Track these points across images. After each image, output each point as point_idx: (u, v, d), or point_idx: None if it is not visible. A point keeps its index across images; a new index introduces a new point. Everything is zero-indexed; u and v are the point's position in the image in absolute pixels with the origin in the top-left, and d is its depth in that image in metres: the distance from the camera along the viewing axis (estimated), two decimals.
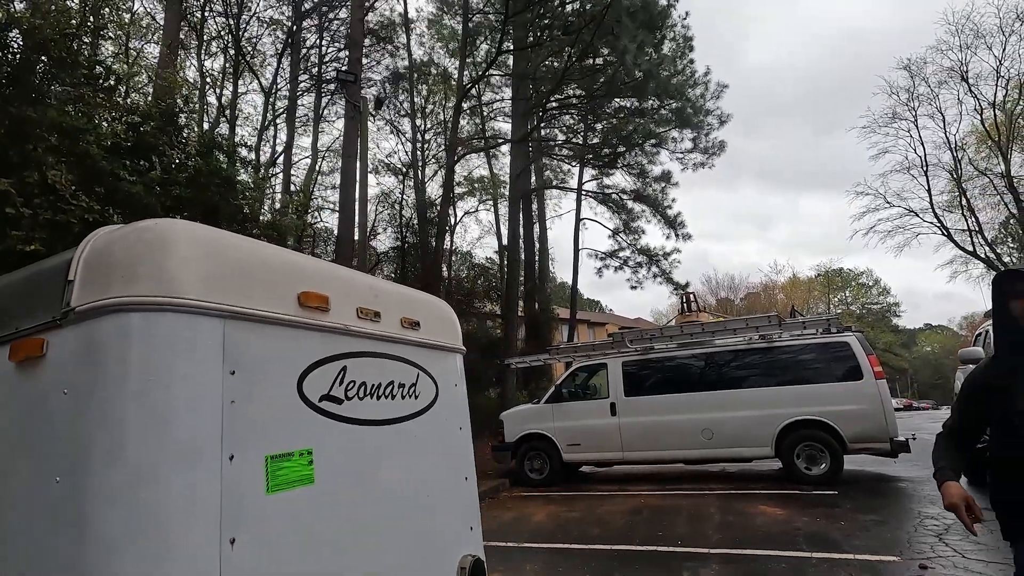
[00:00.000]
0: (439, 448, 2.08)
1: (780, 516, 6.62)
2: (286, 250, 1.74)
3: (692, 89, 18.12)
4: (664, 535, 6.16)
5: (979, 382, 1.96)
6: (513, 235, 18.02)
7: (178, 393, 1.18)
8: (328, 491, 1.50)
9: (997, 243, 26.64)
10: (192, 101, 9.06)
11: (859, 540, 5.46)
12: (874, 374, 8.29)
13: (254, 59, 19.41)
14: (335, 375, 1.62)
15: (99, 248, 1.27)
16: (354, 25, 15.87)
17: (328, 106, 21.38)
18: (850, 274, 53.09)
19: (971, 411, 1.96)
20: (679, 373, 9.60)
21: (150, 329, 1.19)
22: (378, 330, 1.84)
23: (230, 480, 1.23)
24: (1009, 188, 23.99)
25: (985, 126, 24.76)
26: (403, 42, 21.12)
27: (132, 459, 1.10)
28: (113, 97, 6.43)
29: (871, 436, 8.13)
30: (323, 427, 1.54)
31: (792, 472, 8.43)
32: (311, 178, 19.83)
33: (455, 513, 2.11)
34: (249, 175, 8.89)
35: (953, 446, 1.97)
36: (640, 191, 20.39)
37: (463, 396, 2.34)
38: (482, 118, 22.66)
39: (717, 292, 54.25)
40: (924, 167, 26.27)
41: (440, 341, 2.20)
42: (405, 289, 2.18)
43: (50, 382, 1.21)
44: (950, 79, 25.44)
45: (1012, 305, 1.81)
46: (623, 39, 12.14)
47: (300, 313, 1.53)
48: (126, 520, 1.07)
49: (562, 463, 9.99)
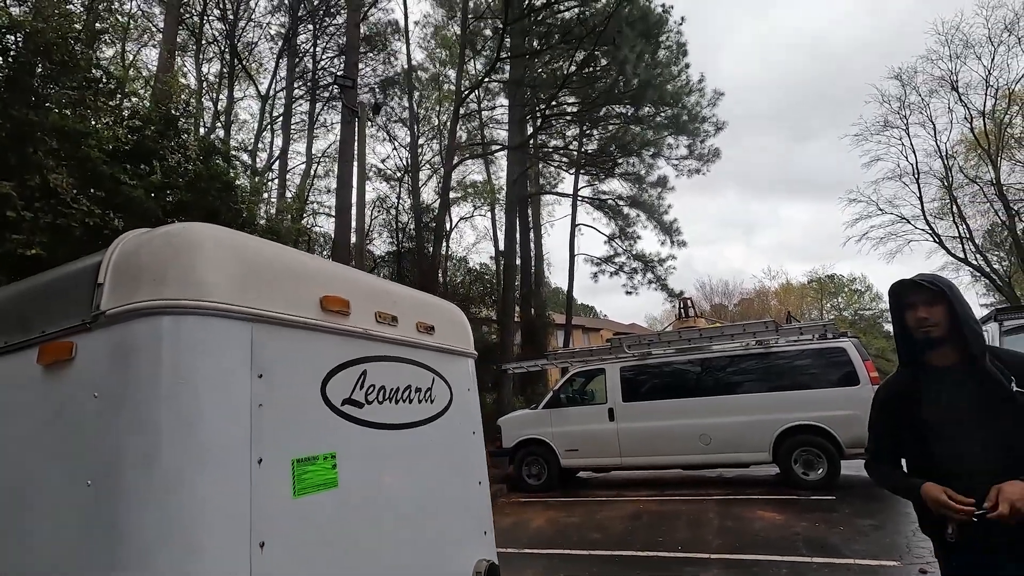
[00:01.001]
0: (453, 452, 2.09)
1: (779, 521, 6.65)
2: (307, 254, 1.75)
3: (688, 96, 18.27)
4: (664, 540, 6.16)
5: (885, 395, 1.91)
6: (510, 240, 18.06)
7: (208, 396, 1.19)
8: (351, 495, 1.51)
9: (986, 250, 26.96)
10: (192, 106, 9.04)
11: (859, 545, 5.48)
12: (870, 380, 8.35)
13: (250, 64, 19.41)
14: (356, 379, 1.62)
15: (128, 251, 1.28)
16: (350, 30, 15.93)
17: (323, 111, 21.41)
18: (842, 280, 53.54)
19: (885, 426, 1.90)
20: (677, 379, 9.63)
21: (180, 332, 1.19)
22: (396, 334, 1.85)
23: (259, 484, 1.23)
24: (999, 196, 24.29)
25: (975, 135, 25.08)
26: (399, 48, 21.21)
27: (165, 463, 1.10)
28: (113, 101, 6.42)
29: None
30: (345, 431, 1.55)
31: (789, 477, 8.46)
32: (307, 183, 19.81)
33: (469, 518, 2.12)
34: (247, 179, 8.88)
35: (888, 464, 1.89)
36: (636, 197, 20.50)
37: (475, 401, 2.35)
38: (481, 124, 22.74)
39: (711, 298, 54.52)
40: (916, 175, 26.56)
41: (453, 345, 2.22)
42: (419, 293, 2.19)
43: (80, 385, 1.22)
44: (940, 88, 25.76)
45: (907, 316, 1.78)
46: (623, 48, 12.24)
47: (322, 317, 1.54)
48: (159, 524, 1.08)
49: (560, 468, 9.97)
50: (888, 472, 1.87)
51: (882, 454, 1.92)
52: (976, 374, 1.67)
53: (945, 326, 1.70)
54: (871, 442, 1.96)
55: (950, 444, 1.68)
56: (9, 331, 1.41)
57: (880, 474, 1.90)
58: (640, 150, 18.59)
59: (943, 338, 1.71)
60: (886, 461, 1.90)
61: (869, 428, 1.96)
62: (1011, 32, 23.45)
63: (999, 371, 1.64)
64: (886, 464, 1.88)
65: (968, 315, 1.70)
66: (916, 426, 1.76)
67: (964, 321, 1.68)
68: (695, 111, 18.88)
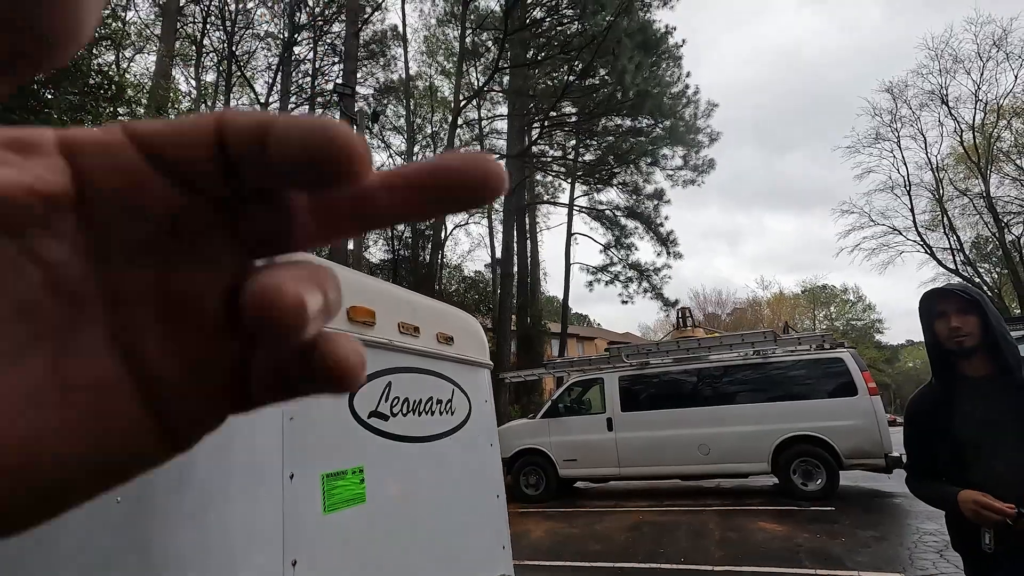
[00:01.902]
0: (472, 465, 2.06)
1: (780, 532, 6.62)
2: (333, 263, 1.73)
3: (684, 108, 18.45)
4: (666, 552, 6.12)
5: (916, 408, 1.88)
6: (506, 249, 18.06)
7: None
8: (377, 510, 1.48)
9: (976, 261, 27.30)
10: (192, 113, 9.01)
11: (861, 557, 5.47)
12: (868, 390, 8.38)
13: (248, 72, 19.40)
14: (381, 391, 1.60)
15: None
16: (348, 40, 15.98)
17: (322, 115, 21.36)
18: (834, 290, 53.94)
19: (919, 440, 1.86)
20: (676, 388, 9.62)
21: None
22: (418, 345, 1.82)
23: (291, 500, 1.20)
24: (988, 208, 24.63)
25: (965, 148, 25.46)
26: (397, 55, 21.28)
27: (200, 480, 1.07)
28: (113, 107, 6.38)
29: (866, 452, 8.19)
30: (372, 444, 1.52)
31: (788, 488, 8.45)
32: None
33: (488, 531, 2.08)
34: None
35: (928, 477, 1.83)
36: (633, 208, 20.60)
37: (492, 412, 2.33)
38: (480, 133, 22.82)
39: (705, 307, 54.69)
40: (907, 187, 26.90)
41: (471, 356, 2.19)
42: (438, 303, 2.17)
43: None
44: (931, 102, 26.19)
45: (938, 325, 1.76)
46: (622, 59, 12.35)
47: (348, 327, 1.52)
48: (194, 543, 1.04)
49: (558, 478, 9.91)
50: (927, 485, 1.83)
51: (920, 468, 1.87)
52: (1012, 386, 1.64)
53: (978, 336, 1.67)
54: (909, 457, 1.92)
55: (987, 459, 1.65)
56: None
57: (920, 489, 1.86)
58: (637, 160, 18.71)
59: (976, 348, 1.68)
60: (925, 475, 1.85)
61: (904, 443, 1.93)
62: (999, 48, 23.93)
63: None
64: (926, 478, 1.84)
65: (1002, 326, 1.67)
66: (950, 440, 1.73)
67: (999, 331, 1.65)
68: (690, 122, 19.08)
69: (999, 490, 1.55)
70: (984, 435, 1.67)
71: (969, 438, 1.69)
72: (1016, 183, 24.66)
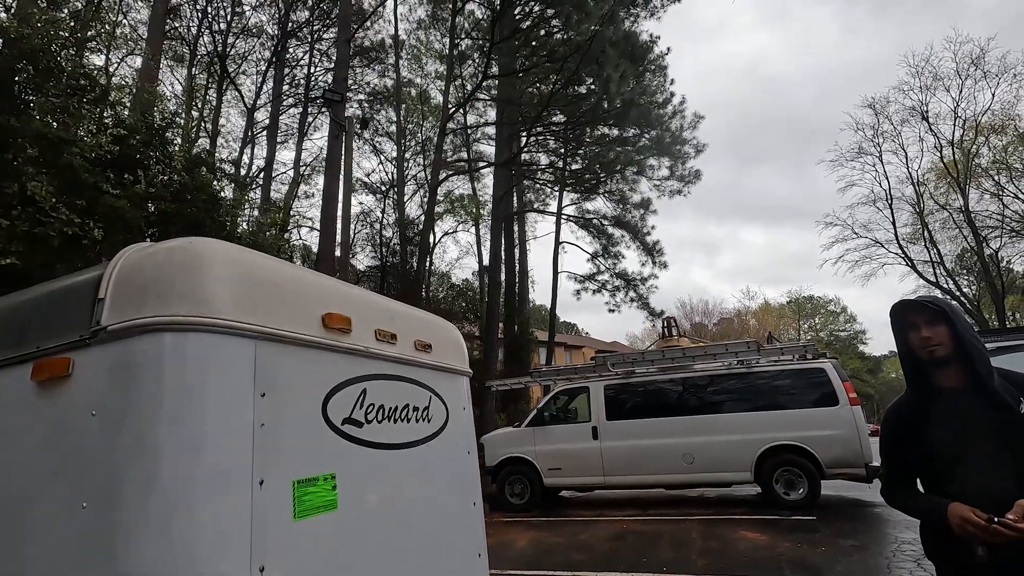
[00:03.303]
0: (449, 473, 2.06)
1: (762, 541, 6.66)
2: (310, 270, 1.73)
3: (671, 120, 18.67)
4: (649, 561, 6.12)
5: (893, 418, 1.89)
6: (494, 257, 18.08)
7: (212, 416, 1.16)
8: (349, 517, 1.48)
9: (956, 274, 27.83)
10: (180, 116, 8.94)
11: (841, 566, 5.51)
12: (849, 400, 8.48)
13: (238, 76, 19.33)
14: (356, 398, 1.60)
15: (131, 266, 1.25)
16: (340, 45, 15.98)
17: (312, 123, 21.35)
18: (819, 301, 54.61)
19: (896, 450, 1.85)
20: (661, 398, 9.66)
21: (185, 350, 1.17)
22: (395, 352, 1.83)
23: (260, 506, 1.20)
24: (967, 222, 25.15)
25: (944, 163, 26.02)
26: (391, 63, 21.32)
27: (167, 485, 1.07)
28: (98, 109, 6.32)
29: (847, 461, 8.28)
30: (345, 451, 1.52)
31: (771, 497, 8.50)
32: (292, 194, 19.66)
33: (464, 539, 2.08)
34: (232, 191, 8.79)
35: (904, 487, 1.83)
36: (620, 217, 20.75)
37: (471, 420, 2.33)
38: (467, 140, 22.88)
39: (691, 317, 55.05)
40: (889, 200, 27.41)
41: (450, 364, 2.20)
42: (417, 311, 2.18)
43: (77, 403, 1.18)
44: (912, 118, 26.75)
45: (910, 336, 1.78)
46: (607, 68, 12.49)
47: (324, 335, 1.52)
48: (160, 549, 1.04)
49: (543, 487, 9.88)
50: (907, 495, 1.82)
51: (896, 479, 1.87)
52: (984, 395, 1.66)
53: (949, 345, 1.69)
54: (884, 467, 1.92)
55: (960, 467, 1.66)
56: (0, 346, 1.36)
57: (897, 498, 1.84)
58: (623, 169, 18.87)
59: (948, 358, 1.70)
60: (902, 485, 1.85)
61: (880, 453, 1.93)
62: (977, 66, 24.53)
63: (1007, 392, 1.63)
64: (903, 488, 1.84)
65: (971, 335, 1.69)
66: (925, 449, 1.74)
67: (968, 341, 1.67)
68: (677, 133, 19.29)
69: (973, 498, 1.56)
70: (958, 444, 1.68)
71: (944, 447, 1.70)
72: (994, 198, 25.23)
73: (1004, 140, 24.83)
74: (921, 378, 1.80)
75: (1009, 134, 24.63)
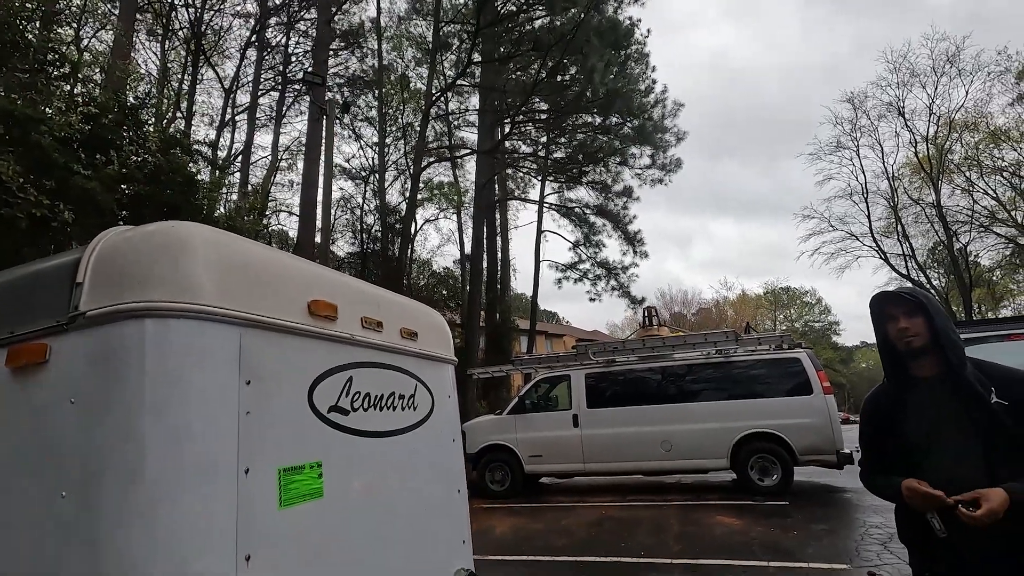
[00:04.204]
0: (434, 460, 2.06)
1: (737, 526, 6.83)
2: (296, 256, 1.70)
3: (653, 109, 18.69)
4: (627, 546, 6.24)
5: (871, 407, 1.94)
6: (477, 245, 18.02)
7: (196, 404, 1.14)
8: (335, 505, 1.47)
9: (927, 267, 28.60)
10: (153, 95, 8.67)
11: (811, 549, 5.68)
12: (823, 389, 8.70)
13: (215, 56, 18.79)
14: (342, 386, 1.59)
15: (111, 249, 1.21)
16: (321, 27, 15.64)
17: (292, 106, 20.90)
18: (795, 292, 55.71)
19: (872, 438, 1.90)
20: (640, 386, 9.79)
21: (167, 337, 1.14)
22: (381, 340, 1.81)
23: (245, 495, 1.19)
24: (939, 217, 25.81)
25: (919, 159, 26.61)
26: (372, 47, 20.93)
27: (150, 475, 1.05)
28: (67, 86, 6.10)
29: (819, 448, 8.51)
30: (331, 439, 1.51)
31: (746, 483, 8.71)
32: (271, 179, 19.27)
33: (449, 527, 2.09)
34: (209, 174, 8.58)
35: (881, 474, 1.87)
36: (603, 206, 20.80)
37: (455, 408, 2.33)
38: (449, 126, 22.65)
39: (671, 307, 55.73)
40: (864, 194, 27.97)
41: (436, 352, 2.19)
42: (403, 298, 2.16)
43: (54, 391, 1.14)
44: (888, 113, 27.27)
45: (889, 327, 1.82)
46: (592, 57, 12.44)
47: (310, 322, 1.50)
48: (143, 539, 1.02)
49: (524, 474, 9.98)
50: (878, 479, 1.88)
51: (873, 464, 1.92)
52: (958, 385, 1.70)
53: (926, 337, 1.73)
54: (863, 454, 1.97)
55: (932, 457, 1.71)
56: None
57: (873, 483, 1.91)
58: (606, 158, 18.89)
59: (925, 348, 1.74)
60: (878, 471, 1.90)
61: (859, 440, 1.98)
62: (952, 64, 25.04)
63: (980, 382, 1.67)
64: (879, 475, 1.89)
65: (947, 326, 1.73)
66: (901, 437, 1.79)
67: (943, 332, 1.71)
68: (658, 122, 19.33)
69: (944, 485, 1.60)
70: (932, 433, 1.72)
71: (919, 436, 1.75)
72: (965, 194, 25.91)
73: (976, 137, 25.46)
74: (898, 368, 1.84)
75: (981, 131, 25.25)
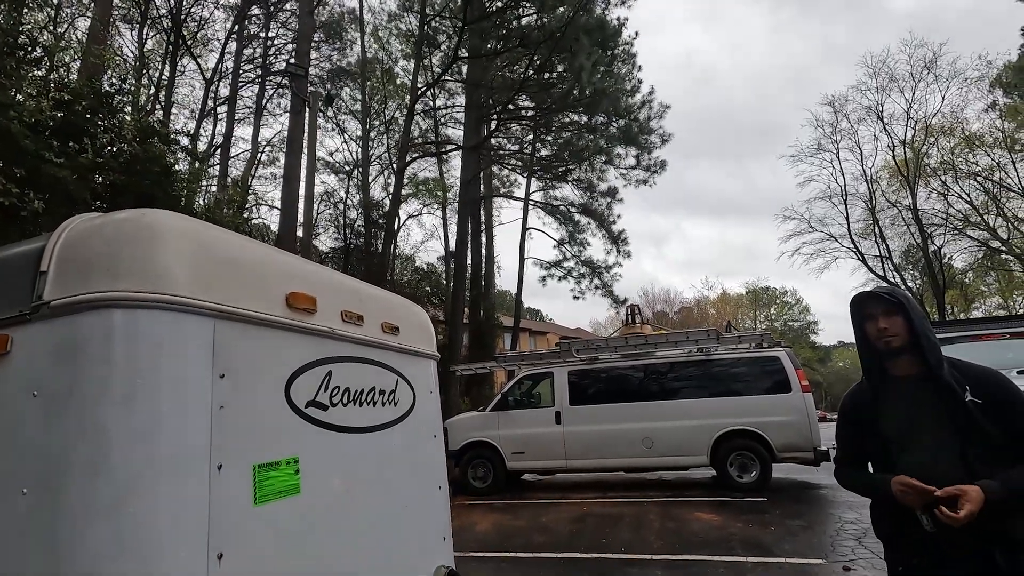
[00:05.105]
0: (415, 456, 2.04)
1: (716, 522, 6.90)
2: (274, 248, 1.66)
3: (640, 110, 18.77)
4: (608, 542, 6.27)
5: (849, 405, 1.95)
6: (461, 241, 17.94)
7: (166, 398, 1.10)
8: (312, 502, 1.44)
9: (902, 269, 29.25)
10: (130, 83, 8.46)
11: (788, 544, 5.77)
12: (801, 387, 8.83)
13: (196, 45, 18.39)
14: (321, 380, 1.55)
15: (78, 237, 1.16)
16: (303, 17, 15.39)
17: (271, 99, 20.57)
18: (775, 292, 56.55)
19: (850, 436, 1.92)
20: (622, 383, 9.84)
21: (137, 328, 1.10)
22: (361, 334, 1.78)
23: (218, 492, 1.15)
24: (915, 219, 26.38)
25: (896, 162, 27.16)
26: (354, 39, 20.69)
27: (118, 470, 1.01)
28: (40, 71, 5.91)
29: (797, 446, 8.64)
30: (309, 434, 1.47)
31: (725, 480, 8.82)
32: (251, 172, 18.96)
33: (429, 523, 2.07)
34: (187, 165, 8.40)
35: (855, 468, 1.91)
36: (588, 205, 20.85)
37: (437, 404, 2.31)
38: (435, 122, 22.51)
39: (653, 305, 56.19)
40: (844, 196, 28.47)
41: (417, 347, 2.16)
42: (385, 293, 2.13)
43: (15, 383, 1.10)
44: (868, 117, 27.80)
45: (868, 327, 1.83)
46: (580, 56, 12.44)
47: (288, 315, 1.46)
48: (110, 537, 0.98)
49: (506, 471, 9.97)
50: (855, 475, 1.90)
51: (848, 461, 1.95)
52: (934, 383, 1.73)
53: (905, 337, 1.76)
54: (838, 451, 1.99)
55: (909, 454, 1.74)
56: None
57: (847, 478, 1.93)
58: (592, 158, 18.93)
59: (903, 348, 1.77)
60: (852, 467, 1.93)
61: (836, 437, 2.00)
62: (930, 70, 25.58)
63: (956, 381, 1.70)
64: (853, 469, 1.92)
65: (925, 326, 1.76)
66: (878, 435, 1.81)
67: (921, 332, 1.74)
68: (644, 123, 19.43)
69: (924, 482, 1.62)
70: (909, 430, 1.75)
71: (895, 434, 1.77)
72: (940, 197, 26.51)
73: (951, 142, 26.06)
74: (877, 367, 1.87)
75: (956, 136, 25.85)
